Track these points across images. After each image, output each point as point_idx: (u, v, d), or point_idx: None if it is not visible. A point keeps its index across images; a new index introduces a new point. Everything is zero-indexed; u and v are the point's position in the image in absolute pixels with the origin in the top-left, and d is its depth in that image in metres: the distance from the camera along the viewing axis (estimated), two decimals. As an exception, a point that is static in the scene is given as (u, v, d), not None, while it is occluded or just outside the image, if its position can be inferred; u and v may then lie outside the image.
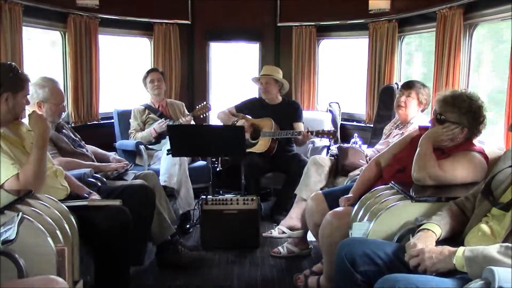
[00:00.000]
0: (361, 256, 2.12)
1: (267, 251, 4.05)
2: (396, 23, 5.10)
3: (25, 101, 2.84)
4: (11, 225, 1.81)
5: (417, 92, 3.93)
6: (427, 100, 3.97)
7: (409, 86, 3.97)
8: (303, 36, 5.81)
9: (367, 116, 5.48)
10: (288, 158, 4.83)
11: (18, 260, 1.96)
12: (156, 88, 5.05)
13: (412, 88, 3.95)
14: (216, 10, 5.87)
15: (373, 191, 2.79)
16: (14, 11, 4.02)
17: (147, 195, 3.31)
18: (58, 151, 3.54)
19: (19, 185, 2.61)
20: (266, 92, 4.99)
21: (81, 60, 5.09)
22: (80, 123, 5.12)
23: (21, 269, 1.97)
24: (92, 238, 2.75)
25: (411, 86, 3.96)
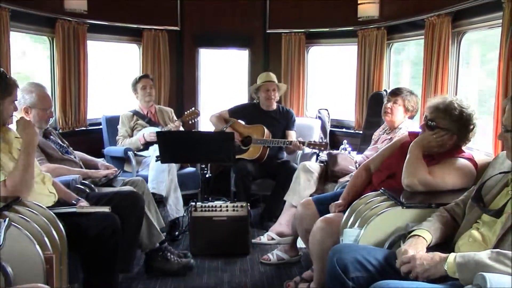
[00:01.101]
0: (352, 262, 2.11)
1: (257, 258, 4.03)
2: (385, 31, 5.14)
3: (12, 107, 2.80)
4: (-2, 232, 1.78)
5: (403, 99, 3.97)
6: (414, 107, 4.00)
7: (396, 93, 4.01)
8: (293, 43, 5.82)
9: (356, 122, 5.50)
10: (278, 165, 4.83)
11: (6, 267, 1.94)
12: (147, 94, 5.03)
13: (398, 95, 3.99)
14: (205, 16, 5.86)
15: (363, 197, 2.80)
16: (1, 16, 3.98)
17: (136, 202, 3.28)
18: (45, 158, 3.50)
19: (6, 191, 2.58)
20: (272, 99, 5.00)
21: (69, 65, 5.04)
22: (68, 129, 5.07)
23: (8, 277, 1.94)
24: (80, 245, 2.72)
25: (397, 93, 4.00)
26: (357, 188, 3.12)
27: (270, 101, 5.03)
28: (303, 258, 3.95)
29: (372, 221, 2.46)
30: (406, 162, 2.74)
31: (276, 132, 4.94)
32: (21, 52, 5.13)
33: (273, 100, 5.03)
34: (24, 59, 5.18)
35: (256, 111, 5.07)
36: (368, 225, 2.46)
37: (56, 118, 4.99)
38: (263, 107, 5.07)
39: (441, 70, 4.15)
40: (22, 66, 5.14)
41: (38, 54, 5.25)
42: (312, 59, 6.03)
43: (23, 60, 5.19)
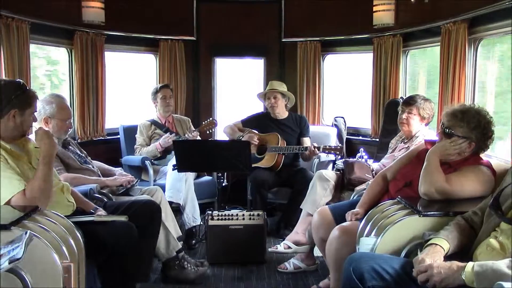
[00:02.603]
0: (368, 271, 2.10)
1: (273, 266, 4.02)
2: (401, 38, 5.11)
3: (32, 118, 2.85)
4: (19, 243, 1.81)
5: (418, 108, 3.91)
6: (429, 114, 3.95)
7: (410, 103, 3.95)
8: (308, 51, 5.83)
9: (372, 130, 5.47)
10: (294, 173, 4.82)
11: (25, 277, 1.95)
12: (167, 105, 5.08)
13: (412, 104, 3.93)
14: (221, 26, 5.91)
15: (380, 206, 2.78)
16: (21, 28, 4.06)
17: (153, 211, 3.30)
18: (64, 167, 3.55)
19: (26, 201, 2.61)
20: (274, 107, 5.00)
21: (87, 76, 5.12)
22: (86, 139, 5.14)
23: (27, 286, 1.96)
24: (98, 254, 2.74)
25: (411, 103, 3.94)
26: (374, 197, 3.10)
27: (273, 109, 5.03)
28: (320, 267, 3.93)
29: (389, 229, 2.44)
30: (423, 170, 2.72)
31: (290, 139, 4.94)
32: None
33: (276, 108, 5.02)
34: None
35: (269, 120, 5.08)
36: (384, 234, 2.44)
37: (75, 128, 5.05)
38: (274, 115, 5.07)
39: (458, 77, 4.12)
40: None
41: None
42: (328, 67, 6.02)
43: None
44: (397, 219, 2.49)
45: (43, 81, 5.33)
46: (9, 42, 3.94)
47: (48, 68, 5.39)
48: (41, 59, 5.20)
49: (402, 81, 5.25)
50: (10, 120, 2.73)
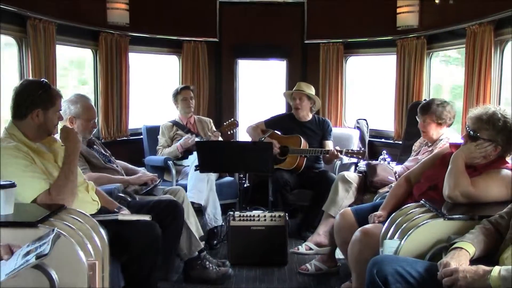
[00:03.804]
0: (392, 274, 2.09)
1: (295, 268, 4.02)
2: (425, 40, 5.06)
3: (57, 117, 2.89)
4: (46, 240, 1.84)
5: (433, 115, 3.82)
6: (448, 116, 3.85)
7: (424, 111, 3.88)
8: (331, 53, 5.82)
9: (395, 133, 5.43)
10: (316, 175, 4.81)
11: (51, 273, 1.98)
12: (188, 106, 5.11)
13: (427, 112, 3.85)
14: (244, 27, 5.93)
15: (403, 209, 2.75)
16: (48, 29, 4.13)
17: (176, 211, 3.32)
18: (89, 167, 3.59)
19: (51, 199, 2.65)
20: (298, 108, 4.99)
21: (111, 77, 5.19)
22: (110, 139, 5.20)
23: (53, 283, 1.98)
24: (121, 253, 2.76)
25: (426, 111, 3.86)
26: (397, 199, 3.08)
27: (297, 111, 5.02)
28: (341, 269, 3.91)
29: (413, 232, 2.42)
30: (448, 173, 2.69)
31: (312, 142, 4.93)
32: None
33: (300, 110, 5.01)
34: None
35: (292, 122, 5.07)
36: (408, 237, 2.42)
37: (99, 128, 5.12)
38: (297, 117, 5.07)
39: (483, 80, 4.07)
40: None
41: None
42: (350, 69, 6.00)
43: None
44: (421, 222, 2.46)
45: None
46: (36, 43, 4.02)
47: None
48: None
49: (426, 83, 5.19)
50: (34, 119, 2.78)
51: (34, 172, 2.68)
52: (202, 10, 5.85)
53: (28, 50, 4.01)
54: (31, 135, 2.80)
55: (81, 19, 4.76)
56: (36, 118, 2.77)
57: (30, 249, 1.82)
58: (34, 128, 2.80)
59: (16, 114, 2.81)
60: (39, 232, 2.15)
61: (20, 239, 2.06)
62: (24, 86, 2.91)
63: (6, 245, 1.93)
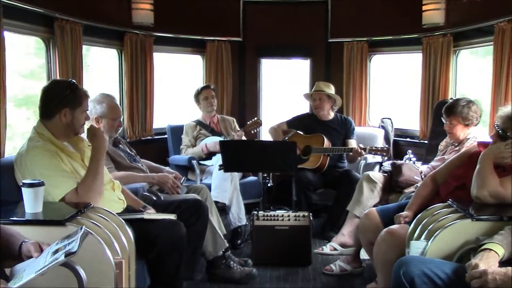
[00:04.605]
0: (419, 275, 2.06)
1: (319, 268, 4.00)
2: (451, 38, 4.99)
3: (84, 117, 2.93)
4: (74, 238, 1.86)
5: (457, 117, 3.77)
6: (474, 116, 3.78)
7: (449, 113, 3.82)
8: (355, 51, 5.77)
9: (421, 132, 5.35)
10: (340, 175, 4.78)
11: (79, 271, 2.01)
12: (209, 105, 5.12)
13: (451, 114, 3.79)
14: (267, 26, 5.92)
15: (430, 209, 2.72)
16: (74, 30, 4.18)
17: (200, 210, 3.34)
18: (114, 166, 3.63)
19: (78, 198, 2.69)
20: (319, 108, 4.97)
21: (136, 77, 5.24)
22: (134, 138, 5.25)
23: (81, 281, 2.01)
24: (147, 252, 2.79)
25: (451, 112, 3.80)
26: (424, 199, 3.04)
27: (317, 110, 5.00)
28: (366, 270, 3.88)
29: (440, 233, 2.39)
30: (476, 173, 2.65)
31: (335, 141, 4.90)
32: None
33: (320, 110, 4.99)
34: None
35: (314, 121, 5.05)
36: (435, 238, 2.39)
37: (124, 127, 5.16)
38: (319, 116, 5.05)
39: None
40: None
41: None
42: (375, 68, 5.94)
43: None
44: (448, 223, 2.43)
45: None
46: (63, 44, 4.07)
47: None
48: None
49: (452, 81, 5.12)
50: (62, 119, 2.82)
51: (62, 171, 2.73)
52: (225, 10, 5.87)
53: (56, 50, 4.06)
54: (59, 134, 2.85)
55: (107, 20, 4.81)
56: (64, 118, 2.82)
57: (59, 247, 1.85)
58: (62, 128, 2.84)
59: (44, 113, 2.86)
60: (67, 230, 2.19)
61: (49, 237, 2.10)
62: (52, 86, 2.97)
63: (36, 243, 1.97)
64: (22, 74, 4.45)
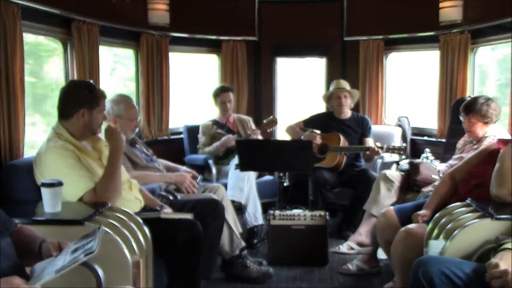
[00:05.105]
0: (438, 275, 2.04)
1: (336, 267, 3.98)
2: (469, 35, 4.92)
3: (101, 117, 2.95)
4: (93, 237, 1.88)
5: (476, 114, 3.72)
6: (493, 114, 3.74)
7: (468, 111, 3.76)
8: (371, 50, 5.73)
9: (438, 130, 5.30)
10: (356, 174, 4.76)
11: (97, 270, 2.02)
12: (225, 110, 5.12)
13: (470, 112, 3.74)
14: (283, 26, 5.91)
15: (448, 208, 2.69)
16: (91, 31, 4.21)
17: (217, 209, 3.35)
18: (131, 165, 3.65)
19: (96, 198, 2.71)
20: (344, 105, 4.96)
21: (152, 77, 5.26)
22: (151, 138, 5.27)
23: (100, 280, 2.03)
24: (164, 251, 2.80)
25: (469, 110, 3.75)
26: (442, 198, 3.01)
27: (342, 108, 4.98)
28: (384, 269, 3.85)
29: (459, 232, 2.36)
30: (496, 171, 2.61)
31: (352, 140, 4.88)
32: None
33: (345, 107, 4.98)
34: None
35: (331, 120, 5.03)
36: (454, 237, 2.37)
37: (141, 127, 5.19)
38: (337, 115, 5.03)
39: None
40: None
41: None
42: (391, 66, 5.90)
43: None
44: (467, 222, 2.40)
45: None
46: (81, 45, 4.10)
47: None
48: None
49: (470, 79, 5.05)
50: (80, 119, 2.85)
51: (80, 171, 2.75)
52: (241, 10, 5.87)
53: (73, 51, 4.10)
54: (77, 134, 2.87)
55: (123, 21, 4.83)
56: (82, 118, 2.84)
57: (78, 246, 1.86)
58: (80, 128, 2.87)
59: (62, 114, 2.89)
60: (85, 230, 2.20)
61: (68, 237, 2.11)
62: (70, 86, 3.00)
63: (55, 242, 1.99)
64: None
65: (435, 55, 5.33)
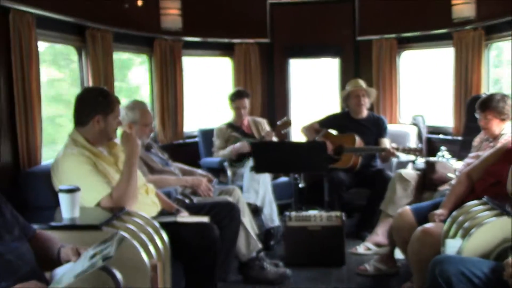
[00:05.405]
0: (456, 274, 2.03)
1: (353, 268, 3.96)
2: (483, 31, 4.88)
3: (116, 123, 2.99)
4: (111, 243, 1.90)
5: (493, 111, 3.67)
6: (510, 111, 3.70)
7: (483, 108, 3.72)
8: (384, 48, 5.70)
9: (454, 128, 5.25)
10: (372, 174, 4.74)
11: (115, 274, 2.04)
12: (239, 115, 5.13)
13: (486, 109, 3.69)
14: (295, 27, 5.91)
15: (465, 207, 2.68)
16: (105, 38, 4.25)
17: (233, 212, 3.37)
18: (147, 170, 3.68)
19: (113, 202, 2.74)
20: (362, 105, 4.95)
21: (166, 82, 5.29)
22: (166, 142, 5.30)
23: (118, 283, 2.05)
24: (181, 254, 2.82)
25: (486, 107, 3.70)
26: (458, 197, 2.99)
27: (360, 107, 4.96)
28: (401, 269, 3.83)
29: (476, 231, 2.35)
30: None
31: (368, 140, 4.86)
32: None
33: (363, 106, 4.96)
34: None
35: (347, 120, 5.02)
36: (471, 236, 2.35)
37: (156, 132, 5.23)
38: (354, 115, 5.01)
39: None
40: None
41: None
42: (405, 64, 5.87)
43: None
44: (485, 221, 2.39)
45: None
46: (95, 52, 4.15)
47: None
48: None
49: (485, 76, 5.01)
50: (95, 125, 2.88)
51: (97, 176, 2.78)
52: (253, 12, 5.88)
53: (88, 58, 4.15)
54: (93, 140, 2.91)
55: (136, 27, 4.88)
56: (97, 124, 2.88)
57: (96, 252, 1.89)
58: (96, 134, 2.90)
59: (78, 120, 2.92)
60: (103, 234, 2.23)
61: (85, 241, 2.15)
62: (85, 93, 3.05)
63: (74, 248, 2.01)
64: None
65: (449, 52, 5.29)
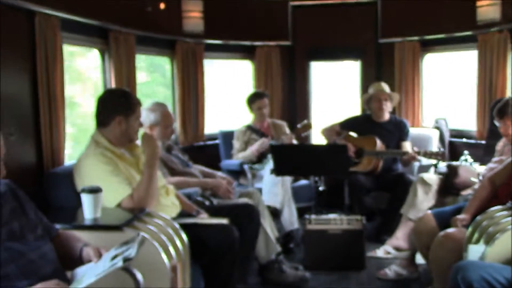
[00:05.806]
0: (478, 281, 2.01)
1: (373, 273, 3.92)
2: (508, 34, 4.80)
3: (137, 124, 3.01)
4: (132, 244, 1.92)
5: (511, 117, 3.61)
6: None
7: (501, 115, 3.57)
8: (406, 51, 5.65)
9: (478, 132, 5.17)
10: (394, 177, 4.70)
11: (136, 274, 2.06)
12: (261, 115, 5.13)
13: (504, 115, 3.56)
14: (317, 29, 5.90)
15: (488, 212, 2.64)
16: (128, 41, 4.30)
17: (252, 214, 3.37)
18: (168, 171, 3.71)
19: (133, 203, 2.77)
20: (384, 109, 4.92)
21: (188, 84, 5.32)
22: (187, 144, 5.33)
23: (139, 284, 2.06)
24: (201, 256, 2.83)
25: (503, 114, 3.56)
26: (481, 202, 2.95)
27: (382, 111, 4.93)
28: (422, 275, 3.78)
29: (500, 237, 2.32)
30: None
31: (389, 143, 4.82)
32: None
33: (385, 110, 4.93)
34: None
35: (368, 123, 4.99)
36: (494, 241, 2.32)
37: (177, 133, 5.26)
38: (375, 118, 4.98)
39: None
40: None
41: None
42: (428, 67, 5.81)
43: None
44: (509, 226, 2.35)
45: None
46: (118, 54, 4.19)
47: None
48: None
49: (509, 79, 4.93)
50: (116, 126, 2.91)
51: (118, 177, 2.81)
52: (274, 15, 5.89)
53: (111, 61, 4.20)
54: (115, 141, 2.94)
55: (158, 29, 4.92)
56: (119, 125, 2.90)
57: (117, 253, 1.91)
58: (118, 135, 2.93)
59: (100, 121, 2.96)
60: (124, 235, 2.26)
61: (107, 242, 2.17)
62: (106, 94, 3.08)
63: (96, 248, 2.04)
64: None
65: (473, 55, 5.22)
